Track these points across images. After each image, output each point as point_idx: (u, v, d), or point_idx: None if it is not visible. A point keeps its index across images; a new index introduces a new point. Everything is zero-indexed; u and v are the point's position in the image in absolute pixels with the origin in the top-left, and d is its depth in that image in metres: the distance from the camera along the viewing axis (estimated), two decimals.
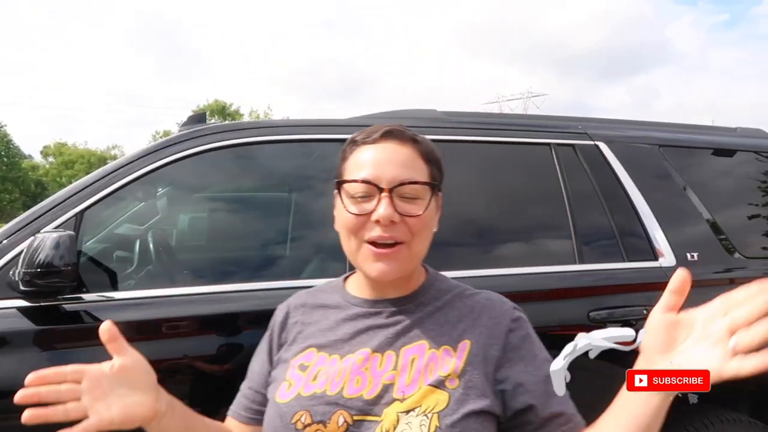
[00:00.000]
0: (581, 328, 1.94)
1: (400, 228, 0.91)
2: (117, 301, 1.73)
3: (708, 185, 2.32)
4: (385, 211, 0.90)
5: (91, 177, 1.86)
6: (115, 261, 2.11)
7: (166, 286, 1.86)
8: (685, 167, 2.30)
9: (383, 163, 0.93)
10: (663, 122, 2.62)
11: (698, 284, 2.13)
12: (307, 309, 1.05)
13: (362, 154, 0.96)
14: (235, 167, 2.20)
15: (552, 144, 2.22)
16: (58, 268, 1.53)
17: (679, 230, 2.18)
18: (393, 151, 0.95)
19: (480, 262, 2.03)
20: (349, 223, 0.94)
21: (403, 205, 0.92)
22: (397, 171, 0.92)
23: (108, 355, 0.87)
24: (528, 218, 2.18)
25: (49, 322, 1.64)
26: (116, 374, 0.83)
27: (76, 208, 1.76)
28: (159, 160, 1.89)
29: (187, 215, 2.80)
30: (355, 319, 0.99)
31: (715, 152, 2.44)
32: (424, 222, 0.94)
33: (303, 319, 1.04)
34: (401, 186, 0.92)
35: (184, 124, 2.21)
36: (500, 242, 2.13)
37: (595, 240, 2.13)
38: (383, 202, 0.90)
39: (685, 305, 2.20)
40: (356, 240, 0.94)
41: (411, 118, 2.22)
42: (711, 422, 2.05)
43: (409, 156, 0.95)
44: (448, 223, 2.07)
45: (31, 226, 1.71)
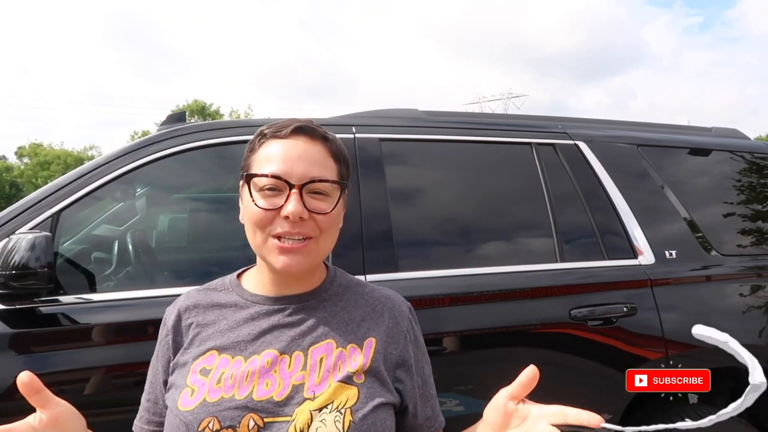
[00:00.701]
0: (563, 326, 1.97)
1: (309, 224, 0.92)
2: (95, 303, 1.70)
3: (685, 184, 2.36)
4: (295, 208, 0.89)
5: (67, 177, 1.83)
6: (93, 262, 2.08)
7: (146, 288, 1.84)
8: (662, 166, 2.34)
9: (294, 159, 0.92)
10: (641, 122, 2.67)
11: (676, 281, 2.19)
12: (200, 309, 1.01)
13: (272, 147, 0.95)
14: (215, 167, 2.18)
15: (533, 144, 2.24)
16: (34, 269, 1.50)
17: (658, 228, 2.21)
18: (304, 148, 0.94)
19: (461, 261, 2.03)
20: (256, 216, 0.93)
21: (313, 202, 0.92)
22: (307, 168, 0.92)
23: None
24: (509, 217, 2.20)
25: (25, 326, 1.61)
26: (46, 427, 0.80)
27: (52, 208, 1.73)
28: (137, 160, 1.87)
29: (166, 216, 2.76)
30: (257, 318, 0.97)
31: (692, 152, 2.48)
32: (332, 219, 0.95)
33: (198, 320, 1.00)
34: (311, 183, 0.92)
35: (163, 123, 2.19)
36: (481, 241, 2.14)
37: (576, 238, 2.16)
38: (293, 198, 0.90)
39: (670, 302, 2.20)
40: (263, 234, 0.93)
41: (392, 117, 2.23)
42: (690, 417, 2.07)
43: (320, 153, 0.95)
44: (429, 223, 2.11)
45: (5, 228, 1.68)
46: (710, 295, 2.19)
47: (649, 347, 2.03)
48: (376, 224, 1.93)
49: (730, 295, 2.21)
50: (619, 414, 2.00)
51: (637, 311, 2.02)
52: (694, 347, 2.11)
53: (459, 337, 1.87)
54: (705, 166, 2.49)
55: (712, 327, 2.14)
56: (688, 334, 2.05)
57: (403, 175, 2.11)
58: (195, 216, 2.55)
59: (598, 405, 1.98)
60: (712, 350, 2.09)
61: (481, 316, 1.91)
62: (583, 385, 1.98)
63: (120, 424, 1.12)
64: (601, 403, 1.99)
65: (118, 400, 1.61)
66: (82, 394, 1.59)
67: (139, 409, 1.03)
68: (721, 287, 2.23)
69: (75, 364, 1.61)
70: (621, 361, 1.99)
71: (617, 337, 2.00)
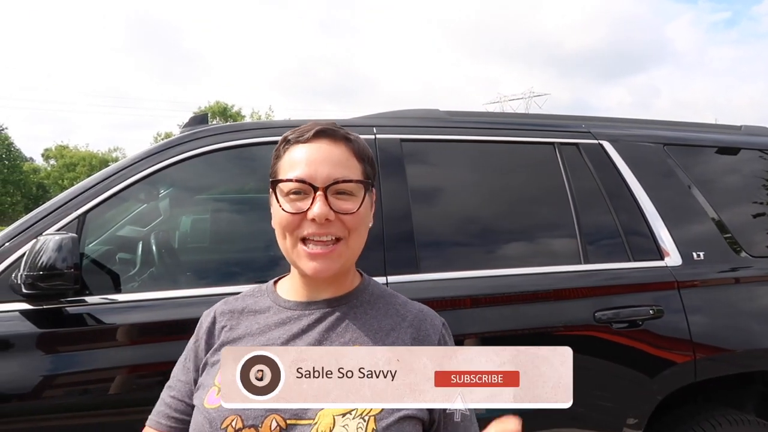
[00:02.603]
0: (587, 328, 1.93)
1: (336, 225, 0.93)
2: (120, 304, 1.72)
3: (713, 183, 2.30)
4: (320, 210, 0.91)
5: (93, 179, 1.86)
6: (118, 263, 2.10)
7: (170, 288, 1.86)
8: (689, 166, 2.29)
9: (317, 162, 0.94)
10: (667, 120, 2.61)
11: (704, 283, 2.14)
12: (234, 314, 1.04)
13: (295, 152, 0.96)
14: (238, 168, 2.19)
15: (556, 143, 2.21)
16: (61, 270, 1.52)
17: (685, 229, 2.17)
18: (327, 150, 0.95)
19: (483, 262, 2.01)
20: (284, 221, 0.94)
21: (338, 203, 0.93)
22: (331, 170, 0.94)
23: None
24: (532, 218, 2.17)
25: (51, 325, 1.64)
26: None
27: (78, 210, 1.76)
28: (161, 162, 1.89)
29: (189, 217, 2.79)
30: (288, 322, 0.99)
31: (720, 150, 2.43)
32: (359, 218, 0.96)
33: (231, 323, 1.03)
34: (335, 184, 0.93)
35: (186, 125, 2.20)
36: (503, 242, 2.12)
37: (600, 239, 2.12)
38: (318, 200, 0.92)
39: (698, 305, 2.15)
40: (292, 238, 0.95)
41: (413, 118, 2.22)
42: (719, 422, 2.03)
43: (343, 154, 0.96)
44: (451, 223, 2.09)
45: (33, 229, 1.71)
46: (740, 298, 2.14)
47: (676, 350, 1.99)
48: (398, 225, 1.93)
49: (761, 298, 2.16)
50: (645, 419, 1.96)
51: (663, 314, 1.98)
52: (723, 350, 2.07)
53: (480, 339, 1.86)
54: (734, 165, 2.43)
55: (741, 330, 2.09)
56: (717, 337, 2.03)
57: (424, 175, 2.10)
58: (217, 216, 2.57)
59: (623, 410, 1.95)
60: (742, 354, 2.07)
61: (503, 319, 1.89)
62: (607, 390, 1.94)
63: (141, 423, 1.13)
64: (626, 408, 1.95)
65: (141, 400, 1.63)
66: (106, 393, 1.61)
67: (157, 404, 1.05)
68: (751, 289, 2.18)
69: (100, 364, 1.63)
70: (647, 365, 1.96)
71: (643, 340, 1.96)
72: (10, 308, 1.61)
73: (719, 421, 2.04)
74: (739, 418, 2.06)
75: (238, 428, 0.87)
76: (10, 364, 1.57)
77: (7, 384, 1.56)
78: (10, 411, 1.56)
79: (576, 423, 1.91)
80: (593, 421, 1.94)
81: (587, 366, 1.92)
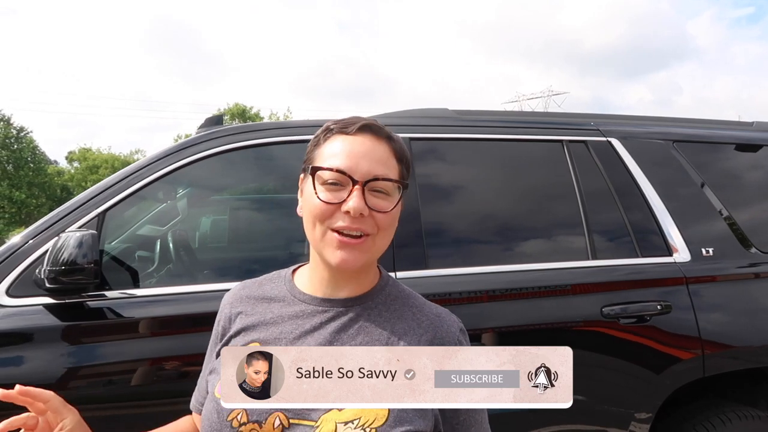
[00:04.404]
0: (594, 324, 1.95)
1: (368, 221, 0.92)
2: (138, 298, 1.79)
3: (723, 180, 2.30)
4: (357, 204, 0.90)
5: (112, 178, 1.93)
6: (137, 261, 2.17)
7: (187, 284, 1.92)
8: (698, 162, 2.29)
9: (359, 156, 0.93)
10: (677, 118, 2.61)
11: (713, 279, 2.13)
12: (251, 301, 1.04)
13: (338, 143, 0.96)
14: (255, 167, 2.25)
15: (564, 141, 2.22)
16: (82, 265, 1.59)
17: (694, 226, 2.17)
18: (369, 146, 0.95)
19: (493, 258, 2.04)
20: (317, 209, 0.93)
21: (374, 200, 0.93)
22: (371, 166, 0.93)
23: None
24: (540, 215, 2.19)
25: (73, 319, 1.70)
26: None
27: (98, 208, 1.83)
28: (178, 161, 1.95)
29: (207, 215, 2.86)
30: (301, 317, 0.98)
31: (731, 147, 2.42)
32: (391, 218, 0.95)
33: (247, 310, 1.03)
34: (374, 181, 0.93)
35: (201, 126, 2.27)
36: (511, 240, 2.14)
37: (609, 236, 2.13)
38: (355, 194, 0.91)
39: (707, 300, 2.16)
40: (322, 227, 0.94)
41: (422, 117, 2.25)
42: (728, 418, 2.04)
43: (384, 153, 0.96)
44: (460, 220, 2.12)
45: (55, 227, 1.78)
46: (749, 293, 2.14)
47: (684, 346, 1.99)
48: (406, 222, 1.96)
49: None
50: (653, 414, 1.97)
51: (671, 309, 1.99)
52: (731, 347, 2.07)
53: (492, 334, 1.88)
54: (745, 161, 2.42)
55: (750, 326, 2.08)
56: (726, 333, 2.03)
57: (433, 173, 2.14)
58: (235, 215, 2.64)
59: (631, 404, 1.96)
60: (751, 350, 2.07)
61: (512, 314, 1.92)
62: (615, 385, 1.96)
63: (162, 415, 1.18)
64: (633, 403, 1.96)
65: (162, 392, 1.69)
66: (128, 384, 1.67)
67: (196, 388, 1.10)
68: (761, 285, 2.17)
69: (119, 355, 1.70)
70: (655, 361, 1.97)
71: (651, 335, 1.97)
72: (34, 302, 1.68)
73: (729, 417, 2.04)
74: (749, 413, 2.06)
75: (243, 422, 0.88)
76: (34, 356, 1.64)
77: (32, 374, 1.63)
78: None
79: (583, 418, 1.92)
80: (601, 416, 1.95)
81: (593, 362, 1.94)
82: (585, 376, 1.87)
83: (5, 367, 1.61)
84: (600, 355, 1.95)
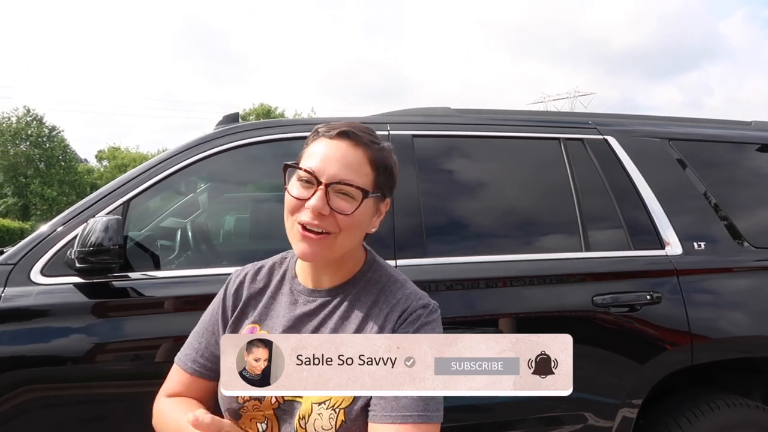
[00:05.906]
0: (585, 312, 2.04)
1: (329, 220, 0.99)
2: (159, 279, 1.95)
3: (717, 177, 2.36)
4: (316, 203, 0.98)
5: (136, 170, 2.10)
6: (159, 249, 2.34)
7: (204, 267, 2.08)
8: (694, 160, 2.36)
9: (330, 159, 1.00)
10: (674, 117, 2.68)
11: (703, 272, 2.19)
12: (258, 281, 1.14)
13: (319, 145, 1.03)
14: (273, 163, 2.39)
15: (561, 138, 2.32)
16: (107, 247, 1.75)
17: (687, 221, 2.23)
18: (344, 151, 1.01)
19: (489, 248, 2.13)
20: (289, 203, 1.02)
21: (337, 201, 1.00)
22: (338, 170, 1.00)
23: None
24: (537, 209, 2.28)
25: (100, 297, 1.87)
26: None
27: (123, 197, 2.00)
28: (197, 155, 2.10)
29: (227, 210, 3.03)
30: (293, 303, 1.08)
31: (725, 145, 2.48)
32: (352, 220, 1.01)
33: (252, 291, 1.13)
34: (338, 184, 0.99)
35: (219, 123, 2.43)
36: (509, 231, 2.24)
37: (602, 230, 2.22)
38: (317, 194, 0.98)
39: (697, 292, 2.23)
40: (291, 219, 1.02)
41: (425, 115, 2.37)
42: (717, 405, 2.10)
43: (357, 159, 1.02)
44: (458, 213, 2.23)
45: (84, 214, 1.95)
46: (741, 287, 2.20)
47: (673, 335, 2.06)
48: (408, 214, 2.08)
49: (763, 288, 2.21)
50: (641, 400, 2.05)
51: (662, 300, 2.06)
52: (719, 336, 2.13)
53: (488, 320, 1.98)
54: (738, 158, 2.48)
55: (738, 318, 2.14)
56: (714, 323, 2.10)
57: (434, 169, 2.25)
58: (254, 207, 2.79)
59: (620, 391, 2.04)
60: (738, 340, 2.14)
61: (507, 301, 2.02)
62: (604, 372, 2.03)
63: None
64: (622, 389, 2.03)
65: None
66: (153, 360, 1.82)
67: (185, 345, 1.17)
68: (753, 279, 2.23)
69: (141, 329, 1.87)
70: (644, 349, 2.05)
71: (641, 324, 2.04)
72: (65, 281, 1.85)
73: (717, 405, 2.10)
74: (737, 402, 2.12)
75: (246, 399, 0.99)
76: (64, 330, 1.81)
77: (63, 348, 1.81)
78: (65, 374, 1.80)
79: (572, 404, 2.00)
80: (589, 402, 2.03)
81: (582, 350, 2.00)
82: (574, 364, 1.95)
83: (39, 338, 1.78)
84: (590, 343, 2.03)
